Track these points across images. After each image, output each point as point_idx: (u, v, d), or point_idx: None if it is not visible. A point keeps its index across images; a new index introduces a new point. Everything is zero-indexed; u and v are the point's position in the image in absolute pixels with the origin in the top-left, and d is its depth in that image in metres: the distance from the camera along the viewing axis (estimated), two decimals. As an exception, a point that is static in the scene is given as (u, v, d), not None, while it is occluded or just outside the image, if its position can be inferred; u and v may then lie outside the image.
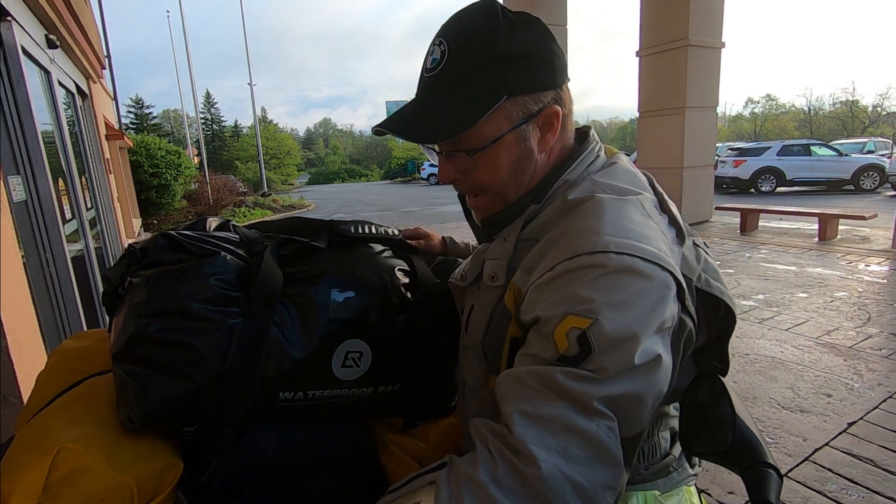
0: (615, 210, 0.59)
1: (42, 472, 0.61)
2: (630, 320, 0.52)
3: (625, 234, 0.56)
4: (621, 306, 0.52)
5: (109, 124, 7.54)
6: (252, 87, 23.34)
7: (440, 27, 0.66)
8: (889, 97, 39.66)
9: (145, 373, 0.69)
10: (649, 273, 0.54)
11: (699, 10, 6.77)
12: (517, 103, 0.64)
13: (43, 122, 2.74)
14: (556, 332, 0.53)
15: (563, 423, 0.50)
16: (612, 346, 0.51)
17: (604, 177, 0.66)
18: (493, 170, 0.67)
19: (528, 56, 0.63)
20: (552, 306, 0.55)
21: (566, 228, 0.60)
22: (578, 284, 0.54)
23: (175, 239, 0.75)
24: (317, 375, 0.77)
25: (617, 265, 0.54)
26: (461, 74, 0.63)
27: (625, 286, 0.53)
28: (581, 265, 0.55)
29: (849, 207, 7.03)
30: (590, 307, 0.52)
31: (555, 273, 0.57)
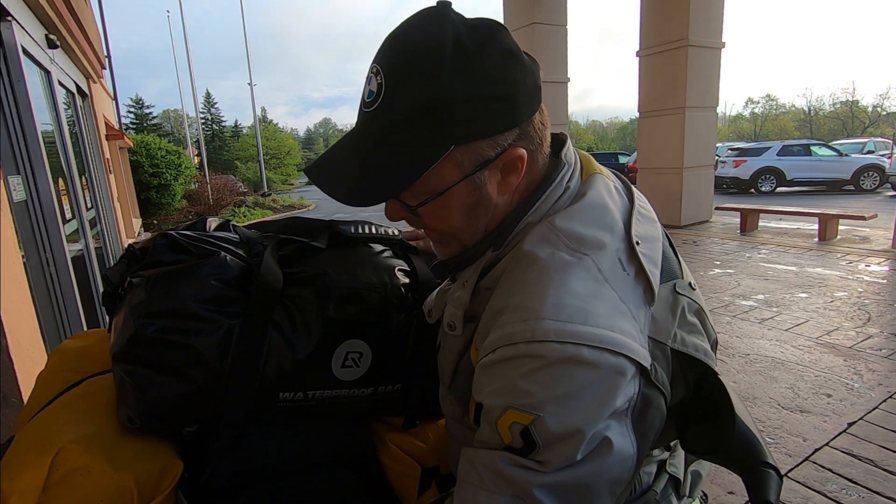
0: (559, 283, 0.52)
1: (42, 472, 0.61)
2: (574, 416, 0.48)
3: (567, 317, 0.50)
4: (564, 401, 0.48)
5: (109, 124, 7.54)
6: (252, 87, 23.37)
7: (381, 46, 0.55)
8: (889, 97, 39.70)
9: (145, 373, 0.69)
10: (595, 361, 0.49)
11: (699, 10, 6.77)
12: (469, 150, 0.54)
13: (43, 122, 2.74)
14: (498, 424, 0.51)
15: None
16: (557, 441, 0.49)
17: (566, 219, 0.57)
18: (443, 219, 0.59)
19: (480, 97, 0.52)
20: (493, 395, 0.52)
21: (507, 301, 0.54)
22: (517, 376, 0.50)
23: (175, 239, 0.75)
24: (317, 376, 0.77)
25: (558, 356, 0.49)
26: (397, 118, 0.53)
27: (567, 378, 0.49)
28: (519, 354, 0.50)
29: (849, 207, 7.03)
30: (530, 402, 0.49)
31: (495, 357, 0.52)
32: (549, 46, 8.84)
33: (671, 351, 0.56)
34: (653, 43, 7.22)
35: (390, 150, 0.54)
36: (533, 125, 0.57)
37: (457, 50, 0.51)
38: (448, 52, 0.51)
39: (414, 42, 0.52)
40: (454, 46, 0.51)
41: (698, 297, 0.63)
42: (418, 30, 0.53)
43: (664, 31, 7.02)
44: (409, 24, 0.54)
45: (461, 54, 0.51)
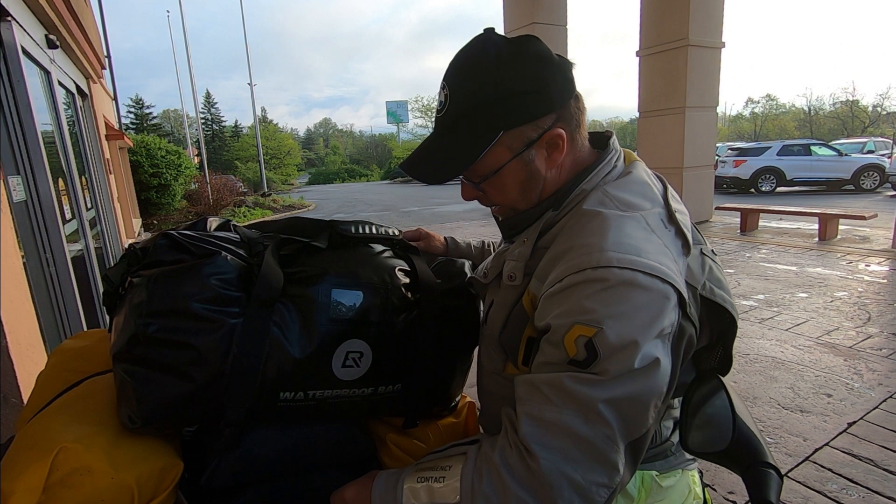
0: (617, 227, 0.64)
1: (42, 472, 0.61)
2: (630, 329, 0.57)
3: (625, 250, 0.61)
4: (622, 317, 0.58)
5: (109, 124, 7.54)
6: (252, 87, 23.36)
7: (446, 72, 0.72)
8: (889, 97, 39.68)
9: (146, 373, 0.69)
10: (648, 285, 0.59)
11: (699, 10, 6.77)
12: (515, 135, 0.69)
13: (43, 122, 2.74)
14: (565, 340, 0.59)
15: (566, 428, 0.57)
16: (615, 351, 0.57)
17: (616, 188, 0.71)
18: (502, 191, 0.74)
19: (518, 92, 0.67)
20: (562, 315, 0.61)
21: (573, 243, 0.65)
22: (584, 297, 0.60)
23: (175, 239, 0.75)
24: (317, 375, 0.77)
25: (618, 279, 0.59)
26: (460, 118, 0.70)
27: (625, 298, 0.58)
28: (586, 279, 0.60)
29: (849, 207, 7.03)
30: (594, 317, 0.58)
31: (563, 285, 0.62)
32: (549, 46, 8.85)
33: (700, 297, 0.67)
34: (653, 43, 7.22)
35: (455, 141, 0.71)
36: (569, 110, 0.71)
37: (497, 60, 0.67)
38: (490, 63, 0.67)
39: (466, 59, 0.70)
40: (495, 58, 0.67)
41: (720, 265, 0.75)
42: (469, 50, 0.70)
43: (664, 31, 7.02)
44: (462, 48, 0.71)
45: (500, 63, 0.67)
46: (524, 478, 0.57)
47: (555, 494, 0.56)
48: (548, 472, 0.56)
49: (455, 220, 10.24)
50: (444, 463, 0.67)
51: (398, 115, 43.06)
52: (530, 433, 0.58)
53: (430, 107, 38.77)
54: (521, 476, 0.58)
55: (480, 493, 0.60)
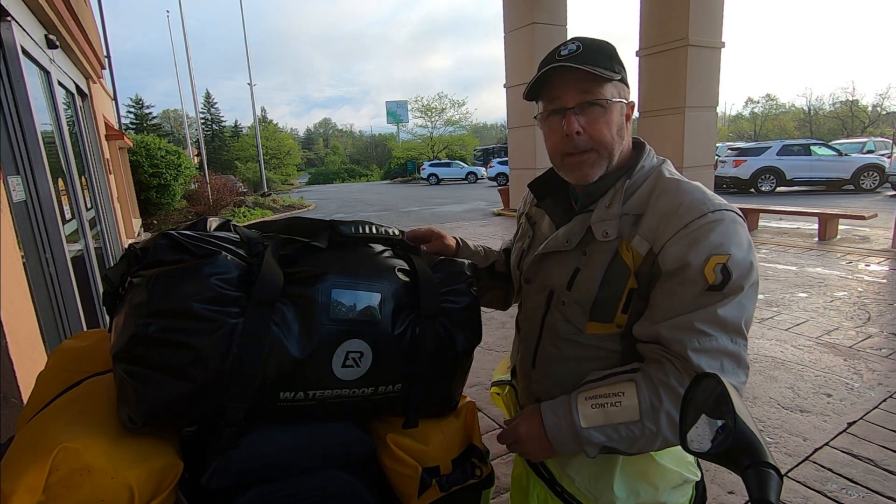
0: (702, 188, 0.85)
1: (42, 472, 0.61)
2: (746, 250, 0.78)
3: (719, 200, 0.82)
4: (739, 243, 0.78)
5: (109, 124, 7.54)
6: (252, 87, 23.34)
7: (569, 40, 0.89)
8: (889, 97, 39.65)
9: (146, 373, 0.68)
10: (741, 220, 0.81)
11: (699, 10, 6.77)
12: (622, 88, 0.88)
13: (43, 122, 2.74)
14: (705, 270, 0.77)
15: (721, 350, 0.76)
16: (743, 269, 0.77)
17: (670, 168, 0.91)
18: (609, 125, 0.87)
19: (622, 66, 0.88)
20: (698, 253, 0.77)
21: (680, 200, 0.82)
22: (711, 234, 0.78)
23: (175, 239, 0.75)
24: (317, 375, 0.77)
25: (729, 217, 0.80)
26: (593, 58, 0.85)
27: (736, 230, 0.79)
28: (708, 221, 0.79)
29: (849, 207, 7.03)
30: (723, 247, 0.77)
31: (690, 229, 0.79)
32: (548, 46, 8.81)
33: None
34: (653, 43, 7.21)
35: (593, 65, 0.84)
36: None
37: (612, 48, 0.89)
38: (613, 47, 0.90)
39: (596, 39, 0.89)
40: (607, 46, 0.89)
41: None
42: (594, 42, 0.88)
43: (664, 30, 7.02)
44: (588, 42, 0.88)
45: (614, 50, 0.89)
46: None
47: None
48: None
49: (455, 221, 10.24)
50: (615, 389, 0.81)
51: (398, 115, 43.04)
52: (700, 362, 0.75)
53: (429, 106, 38.70)
54: None
55: (663, 410, 0.77)
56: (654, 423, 0.77)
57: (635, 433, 0.78)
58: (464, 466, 0.93)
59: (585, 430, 0.80)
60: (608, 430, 0.80)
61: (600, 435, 0.80)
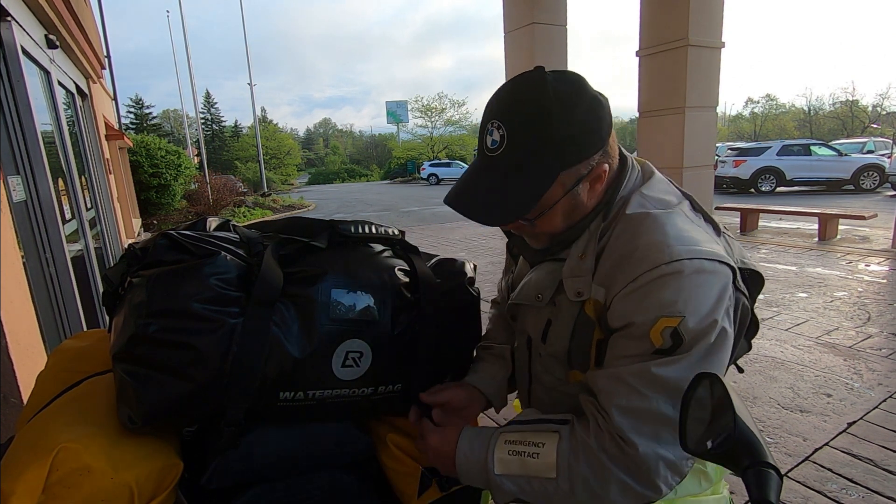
0: (671, 223, 0.70)
1: (42, 472, 0.61)
2: (708, 311, 0.65)
3: (687, 242, 0.67)
4: (699, 302, 0.65)
5: (109, 124, 7.54)
6: (252, 88, 23.34)
7: (494, 105, 0.72)
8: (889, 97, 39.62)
9: (146, 373, 0.68)
10: (713, 269, 0.66)
11: (699, 10, 6.76)
12: (570, 174, 0.71)
13: (43, 122, 2.74)
14: (651, 333, 0.65)
15: (655, 413, 0.64)
16: (698, 333, 0.64)
17: (649, 190, 0.76)
18: (548, 223, 0.76)
19: (579, 133, 0.69)
20: (644, 312, 0.66)
21: (636, 244, 0.69)
22: (662, 291, 0.65)
23: (175, 239, 0.75)
24: (317, 375, 0.77)
25: (690, 269, 0.65)
26: (519, 159, 0.70)
27: (699, 284, 0.65)
28: (661, 274, 0.65)
29: (849, 207, 7.03)
30: (675, 308, 0.64)
31: (638, 283, 0.67)
32: (548, 46, 8.84)
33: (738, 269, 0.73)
34: (653, 43, 7.21)
35: (514, 183, 0.71)
36: (611, 144, 0.74)
37: (559, 103, 0.68)
38: (553, 103, 0.67)
39: (526, 97, 0.69)
40: (556, 100, 0.67)
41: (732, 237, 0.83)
42: (526, 91, 0.70)
43: (664, 30, 7.02)
44: (516, 86, 0.71)
45: (562, 105, 0.68)
46: (623, 462, 0.64)
47: (653, 475, 0.64)
48: (645, 457, 0.63)
49: (454, 220, 10.23)
50: (537, 439, 0.72)
51: (398, 115, 43.02)
52: (623, 423, 0.65)
53: (429, 106, 38.69)
54: (619, 461, 0.65)
55: (579, 473, 0.67)
56: (570, 483, 0.68)
57: (549, 490, 0.69)
58: (464, 466, 0.93)
59: (497, 477, 0.72)
60: (521, 482, 0.71)
61: (512, 485, 0.71)
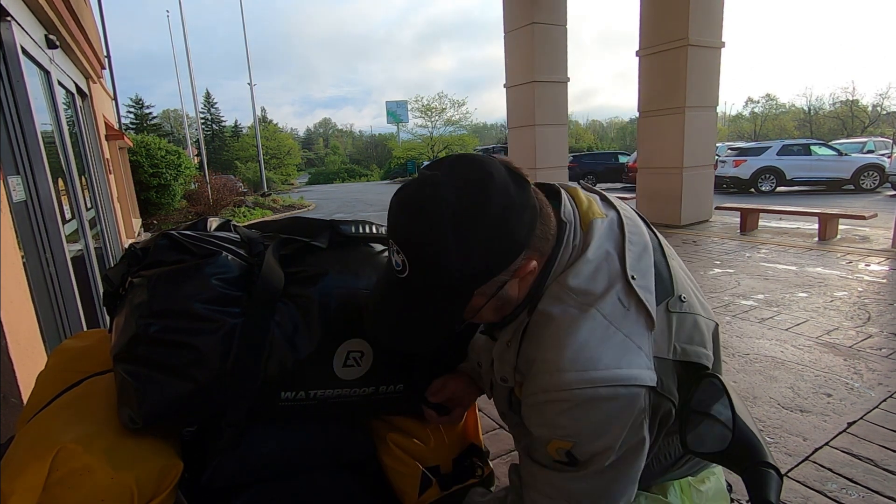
0: (573, 335, 0.63)
1: (42, 471, 0.61)
2: (602, 438, 0.62)
3: (582, 366, 0.61)
4: (592, 429, 0.62)
5: (109, 124, 7.53)
6: (252, 88, 23.33)
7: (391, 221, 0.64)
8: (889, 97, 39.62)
9: (147, 373, 0.68)
10: (611, 396, 0.61)
11: (699, 10, 6.77)
12: (489, 285, 0.65)
13: (43, 122, 2.74)
14: (548, 448, 0.65)
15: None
16: (593, 457, 0.63)
17: (572, 276, 0.67)
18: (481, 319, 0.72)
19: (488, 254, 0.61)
20: (540, 428, 0.66)
21: (535, 355, 0.66)
22: (554, 414, 0.64)
23: (176, 239, 0.75)
24: (318, 375, 0.77)
25: (580, 398, 0.61)
26: (427, 287, 0.64)
27: (590, 413, 0.62)
28: (551, 399, 0.63)
29: (849, 207, 7.03)
30: (566, 434, 0.63)
31: (534, 401, 0.66)
32: (548, 46, 8.84)
33: (673, 362, 0.67)
34: (653, 42, 7.22)
35: (426, 309, 0.66)
36: (536, 235, 0.65)
37: (455, 235, 0.59)
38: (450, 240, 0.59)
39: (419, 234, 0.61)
40: (452, 232, 0.59)
41: (690, 307, 0.72)
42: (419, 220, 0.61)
43: (664, 30, 7.02)
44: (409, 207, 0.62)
45: (462, 232, 0.59)
46: None
47: None
48: None
49: (455, 220, 10.20)
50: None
51: (398, 115, 43.00)
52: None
53: (429, 106, 38.64)
54: None
55: None
56: None
57: None
58: (464, 466, 0.93)
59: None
60: None
61: None
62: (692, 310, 0.72)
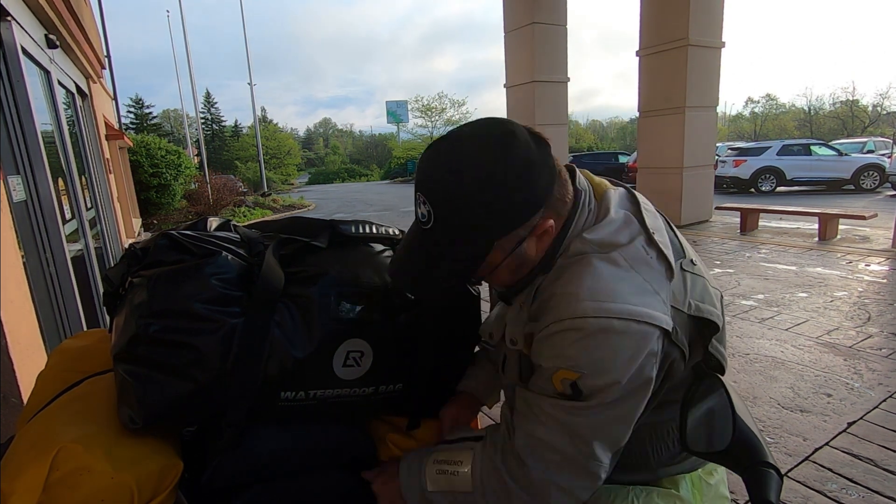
0: (595, 271, 0.65)
1: (42, 471, 0.61)
2: (610, 372, 0.63)
3: (600, 297, 0.63)
4: (601, 362, 0.63)
5: (109, 124, 7.53)
6: (252, 87, 23.34)
7: (419, 174, 0.68)
8: (889, 97, 39.60)
9: (147, 373, 0.68)
10: (623, 329, 0.62)
11: (699, 10, 6.77)
12: (508, 239, 0.68)
13: (43, 122, 2.73)
14: (553, 379, 0.65)
15: (554, 446, 0.66)
16: (597, 390, 0.63)
17: (593, 232, 0.70)
18: (497, 280, 0.75)
19: (508, 205, 0.65)
20: (548, 359, 0.66)
21: (555, 291, 0.68)
22: (565, 344, 0.64)
23: (176, 239, 0.75)
24: (318, 375, 0.77)
25: (593, 328, 0.62)
26: (451, 234, 0.67)
27: (602, 345, 0.62)
28: (565, 328, 0.64)
29: (849, 207, 7.04)
30: (575, 364, 0.63)
31: (547, 332, 0.66)
32: (548, 46, 8.84)
33: (688, 317, 0.69)
34: (653, 42, 7.22)
35: (448, 256, 0.69)
36: (554, 195, 0.69)
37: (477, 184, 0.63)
38: (473, 188, 0.63)
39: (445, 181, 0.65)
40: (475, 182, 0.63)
41: (700, 270, 0.76)
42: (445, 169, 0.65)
43: (664, 30, 7.02)
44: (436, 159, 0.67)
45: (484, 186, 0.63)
46: (520, 481, 0.68)
47: (546, 496, 0.67)
48: (538, 481, 0.66)
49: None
50: (457, 457, 0.76)
51: (398, 115, 43.01)
52: (523, 446, 0.68)
53: (429, 106, 38.73)
54: (517, 479, 0.68)
55: (489, 487, 0.71)
56: (484, 497, 0.72)
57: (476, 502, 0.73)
58: (464, 466, 0.93)
59: (431, 494, 0.76)
60: (450, 497, 0.75)
61: (444, 500, 0.76)
62: (702, 274, 0.76)
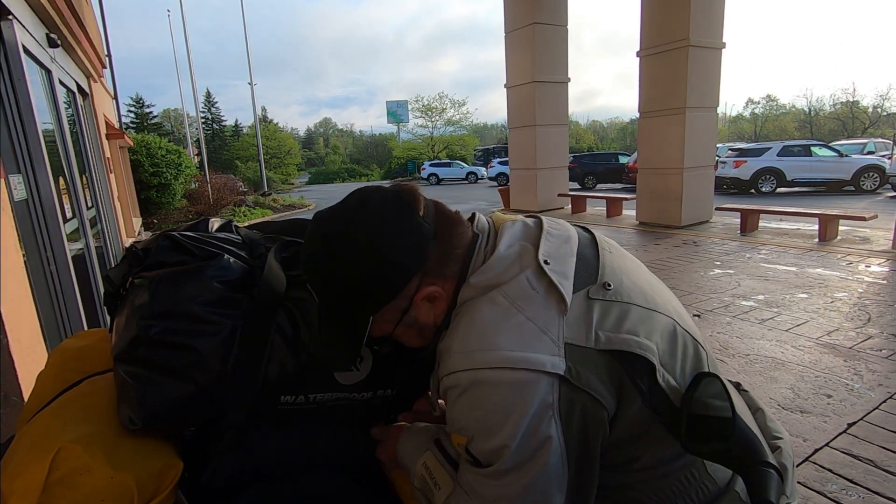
0: (471, 321, 0.62)
1: (42, 471, 0.61)
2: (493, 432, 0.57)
3: (470, 347, 0.59)
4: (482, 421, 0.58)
5: (110, 123, 7.53)
6: (252, 87, 23.34)
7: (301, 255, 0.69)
8: (889, 98, 39.58)
9: (147, 374, 0.69)
10: (496, 380, 0.57)
11: (700, 11, 6.76)
12: (387, 311, 0.66)
13: (44, 121, 2.73)
14: (455, 445, 0.64)
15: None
16: (491, 455, 0.59)
17: (477, 276, 0.66)
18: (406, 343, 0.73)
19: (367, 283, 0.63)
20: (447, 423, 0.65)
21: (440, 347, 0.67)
22: (449, 405, 0.62)
23: (177, 240, 0.75)
24: (318, 379, 0.77)
25: (465, 382, 0.59)
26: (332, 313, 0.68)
27: (476, 401, 0.58)
28: (446, 387, 0.62)
29: (849, 208, 7.03)
30: (461, 426, 0.61)
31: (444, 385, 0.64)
32: (549, 46, 8.84)
33: (598, 352, 0.60)
34: (653, 43, 7.21)
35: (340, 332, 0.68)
36: (430, 260, 0.65)
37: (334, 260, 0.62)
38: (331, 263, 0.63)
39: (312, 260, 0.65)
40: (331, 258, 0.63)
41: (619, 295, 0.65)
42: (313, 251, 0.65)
43: (665, 31, 7.02)
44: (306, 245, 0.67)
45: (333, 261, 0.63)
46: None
47: None
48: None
49: (455, 220, 10.19)
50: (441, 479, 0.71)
51: (398, 115, 42.99)
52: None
53: (430, 106, 38.73)
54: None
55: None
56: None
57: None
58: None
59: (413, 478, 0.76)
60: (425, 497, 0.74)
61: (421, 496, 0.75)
62: (625, 299, 0.65)
